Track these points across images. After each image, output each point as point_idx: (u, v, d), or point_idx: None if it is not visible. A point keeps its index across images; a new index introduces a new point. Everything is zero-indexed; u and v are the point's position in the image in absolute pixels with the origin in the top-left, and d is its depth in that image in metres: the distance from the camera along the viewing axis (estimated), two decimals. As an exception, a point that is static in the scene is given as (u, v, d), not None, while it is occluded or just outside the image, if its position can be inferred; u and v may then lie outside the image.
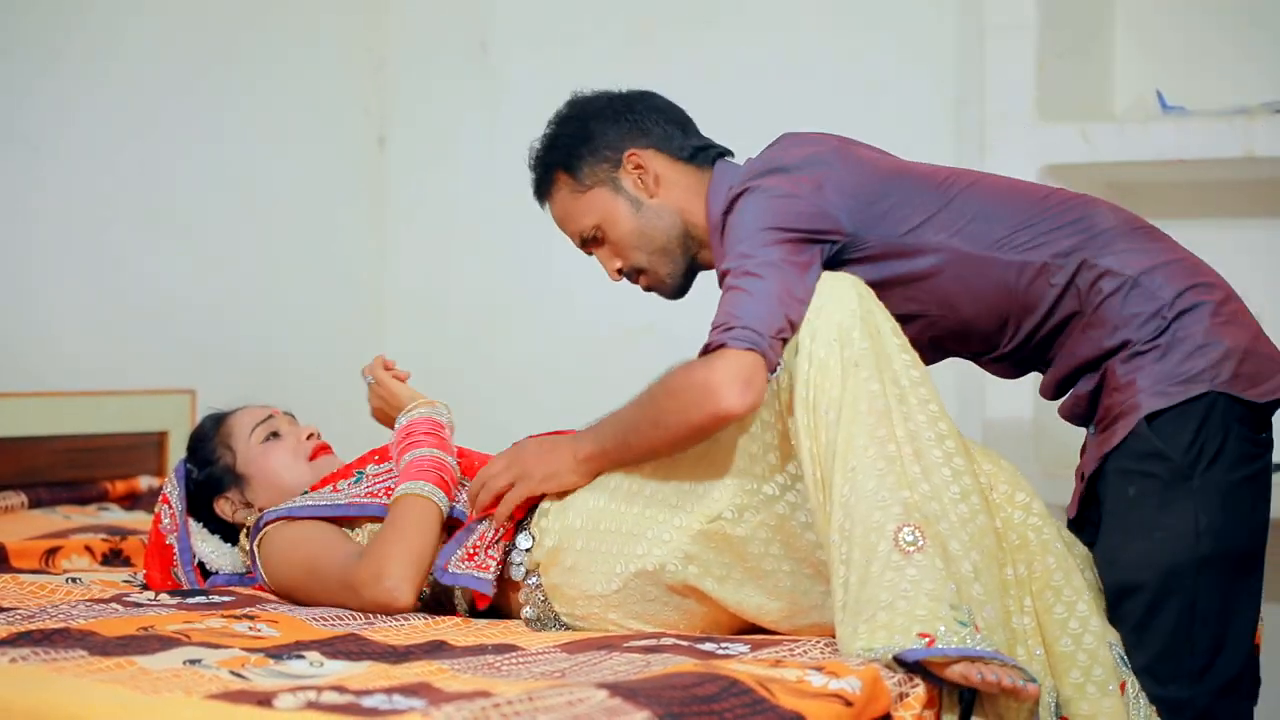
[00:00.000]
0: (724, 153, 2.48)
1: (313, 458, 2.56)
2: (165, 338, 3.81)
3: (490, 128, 4.20)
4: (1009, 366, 2.39)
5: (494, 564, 2.29)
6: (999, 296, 2.28)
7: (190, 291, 3.88)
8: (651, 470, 2.21)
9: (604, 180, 2.43)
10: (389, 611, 2.28)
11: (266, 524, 2.43)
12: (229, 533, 2.58)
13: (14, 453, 3.40)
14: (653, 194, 2.42)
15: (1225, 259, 3.51)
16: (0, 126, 3.52)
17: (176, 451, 3.58)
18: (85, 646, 1.95)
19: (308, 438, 2.58)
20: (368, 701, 1.64)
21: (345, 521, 2.43)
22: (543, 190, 2.49)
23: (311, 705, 1.63)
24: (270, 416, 2.59)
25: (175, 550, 2.55)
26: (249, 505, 2.54)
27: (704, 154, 2.45)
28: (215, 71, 3.95)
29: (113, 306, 3.72)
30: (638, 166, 2.42)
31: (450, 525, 2.38)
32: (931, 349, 2.32)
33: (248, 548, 2.51)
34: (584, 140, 2.43)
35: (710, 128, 2.64)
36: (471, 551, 2.30)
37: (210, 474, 2.55)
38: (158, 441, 3.67)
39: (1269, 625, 2.92)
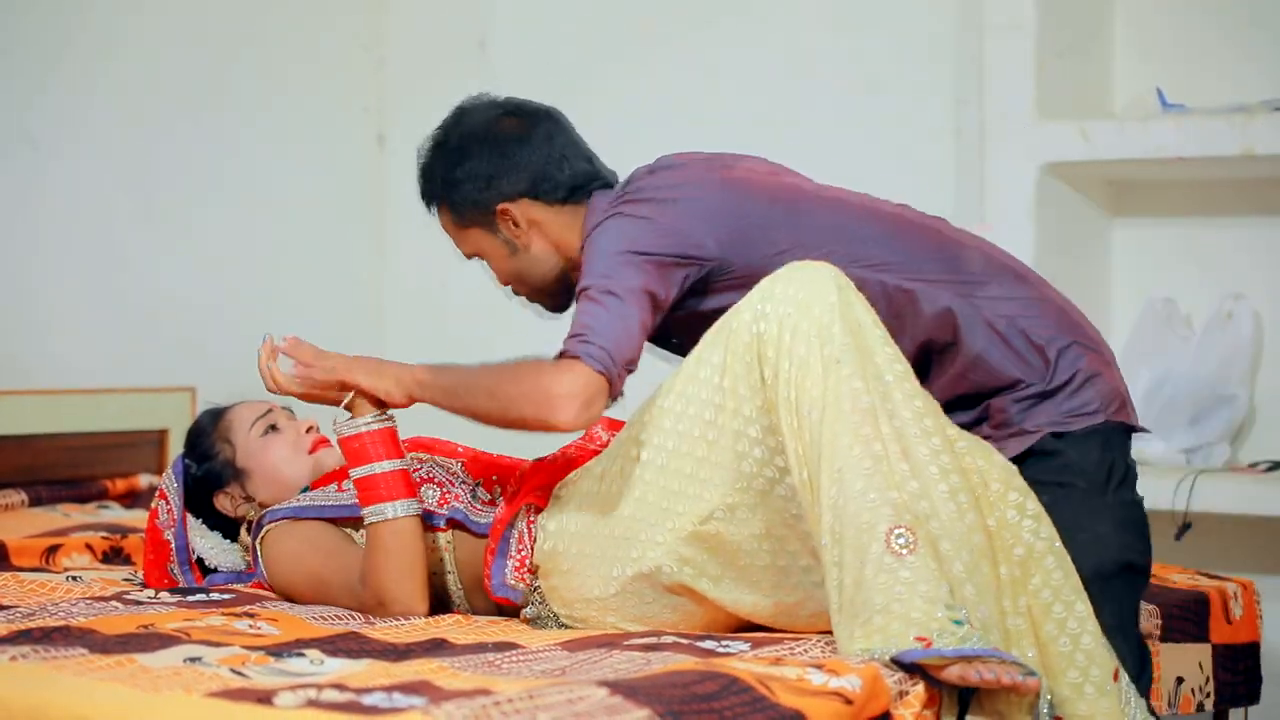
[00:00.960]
0: (603, 184, 2.42)
1: (313, 450, 2.55)
2: (165, 336, 3.81)
3: (490, 126, 4.20)
4: None
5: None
6: None
7: (190, 290, 3.88)
8: (641, 472, 2.19)
9: (479, 222, 2.40)
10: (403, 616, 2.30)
11: (270, 523, 2.43)
12: (229, 529, 2.57)
13: (14, 450, 3.41)
14: (527, 244, 2.40)
15: (1225, 258, 3.53)
16: (2, 126, 3.52)
17: (176, 449, 3.56)
18: (85, 644, 1.94)
19: (307, 431, 2.58)
20: (368, 699, 1.64)
21: (351, 522, 2.42)
22: (427, 202, 2.48)
23: (312, 703, 1.63)
24: (269, 410, 2.58)
25: (171, 547, 2.54)
26: (250, 499, 2.53)
27: (579, 192, 2.40)
28: (215, 71, 3.95)
29: (113, 305, 3.72)
30: (511, 221, 2.39)
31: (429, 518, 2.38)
32: None
33: (249, 544, 2.51)
34: (456, 183, 2.39)
35: (711, 127, 2.65)
36: (520, 562, 2.31)
37: (210, 469, 2.55)
38: (158, 440, 3.67)
39: (1268, 625, 2.93)
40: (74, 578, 2.56)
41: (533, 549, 2.29)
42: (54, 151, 3.59)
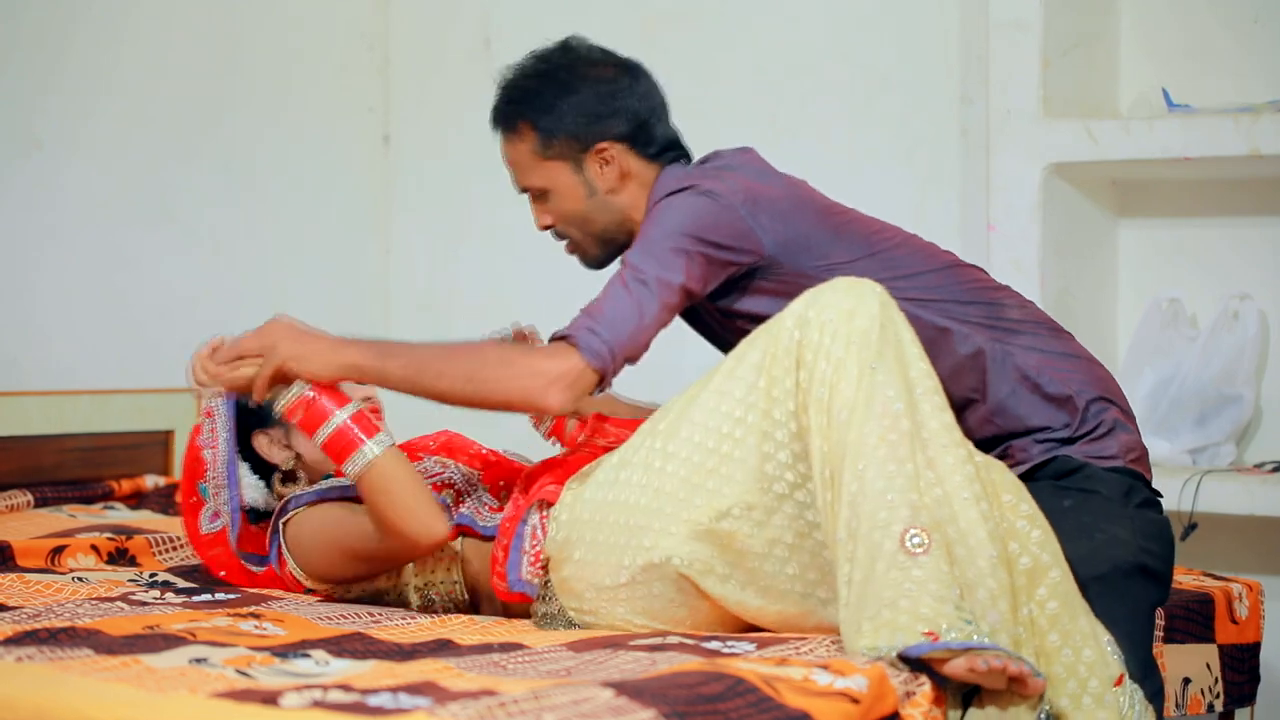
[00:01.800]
0: (682, 154, 2.48)
1: None
2: (170, 336, 3.80)
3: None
4: None
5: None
6: None
7: (196, 289, 3.88)
8: (664, 463, 2.20)
9: (568, 157, 2.43)
10: (437, 547, 2.32)
11: (294, 509, 2.44)
12: (259, 464, 2.57)
13: (20, 451, 3.41)
14: (611, 189, 2.44)
15: (1230, 258, 3.53)
16: (9, 127, 3.53)
17: (182, 451, 3.58)
18: (91, 645, 1.95)
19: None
20: (373, 700, 1.64)
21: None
22: (504, 126, 2.48)
23: (317, 704, 1.63)
24: None
25: (206, 465, 2.51)
26: (288, 448, 2.54)
27: (666, 154, 2.46)
28: (220, 71, 3.96)
29: (118, 305, 3.73)
30: (605, 161, 2.43)
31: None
32: None
33: (273, 526, 2.51)
34: (562, 111, 2.42)
35: (713, 126, 2.64)
36: (535, 557, 2.31)
37: (260, 406, 2.50)
38: (164, 440, 3.67)
39: (1268, 625, 2.93)
40: (79, 579, 2.56)
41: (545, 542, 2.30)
42: (60, 153, 3.60)
